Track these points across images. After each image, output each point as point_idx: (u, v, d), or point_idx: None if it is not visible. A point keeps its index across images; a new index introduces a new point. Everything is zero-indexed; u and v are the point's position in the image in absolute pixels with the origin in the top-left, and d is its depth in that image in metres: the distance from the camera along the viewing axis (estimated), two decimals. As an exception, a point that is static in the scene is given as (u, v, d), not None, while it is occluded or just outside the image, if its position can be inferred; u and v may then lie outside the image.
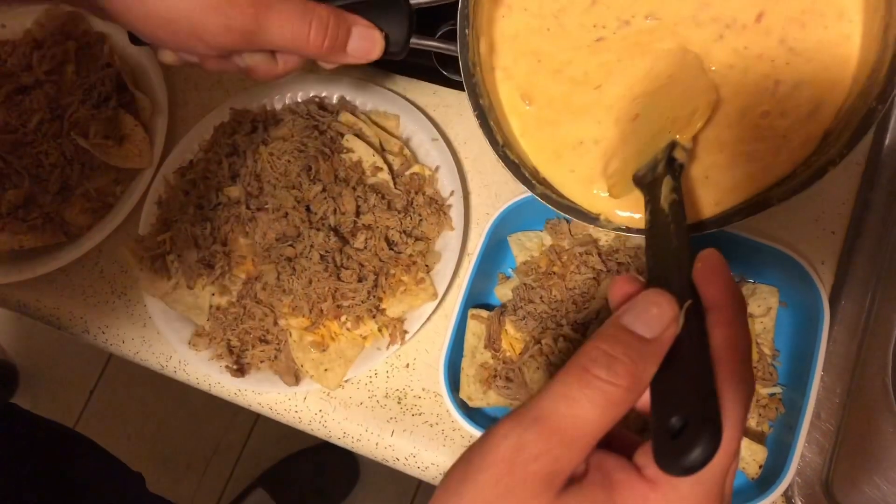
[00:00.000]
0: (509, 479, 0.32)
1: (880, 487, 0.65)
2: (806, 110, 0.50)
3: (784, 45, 0.50)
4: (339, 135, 0.76)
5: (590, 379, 0.33)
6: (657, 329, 0.34)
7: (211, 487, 1.77)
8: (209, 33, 0.50)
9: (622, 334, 0.34)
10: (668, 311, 0.35)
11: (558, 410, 0.33)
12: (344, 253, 0.71)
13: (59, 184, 0.81)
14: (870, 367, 0.67)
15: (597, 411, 0.32)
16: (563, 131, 0.55)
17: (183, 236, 0.75)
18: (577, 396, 0.33)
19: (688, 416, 0.31)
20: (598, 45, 0.55)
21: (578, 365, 0.33)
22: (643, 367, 0.33)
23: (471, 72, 0.56)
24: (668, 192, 0.44)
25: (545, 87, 0.56)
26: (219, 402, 0.84)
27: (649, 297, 0.35)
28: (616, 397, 0.33)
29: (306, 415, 0.74)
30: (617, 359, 0.33)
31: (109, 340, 0.80)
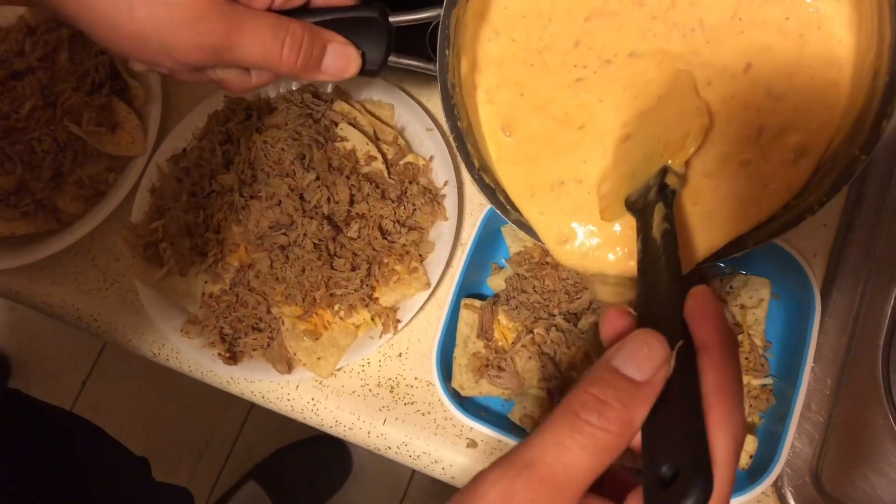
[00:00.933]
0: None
1: (869, 478, 0.65)
2: (790, 156, 0.49)
3: (770, 95, 0.49)
4: (333, 123, 0.76)
5: (580, 425, 0.32)
6: (648, 371, 0.33)
7: (203, 480, 1.77)
8: (178, 51, 0.49)
9: (612, 377, 0.34)
10: (659, 352, 0.34)
11: (548, 457, 0.32)
12: (337, 241, 0.71)
13: (52, 171, 0.80)
14: (860, 358, 0.68)
15: (587, 458, 0.32)
16: (541, 170, 0.54)
17: (176, 224, 0.74)
18: (568, 443, 0.32)
19: (679, 464, 0.31)
20: (578, 86, 0.53)
21: (569, 409, 0.33)
22: (634, 412, 0.33)
23: (449, 93, 0.54)
24: (659, 220, 0.43)
25: (527, 121, 0.55)
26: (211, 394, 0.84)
27: (640, 338, 0.35)
28: (607, 443, 0.32)
29: (298, 403, 0.74)
30: (607, 404, 0.33)
31: (101, 328, 0.80)
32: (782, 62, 0.50)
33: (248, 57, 0.52)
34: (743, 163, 0.49)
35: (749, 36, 0.50)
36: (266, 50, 0.52)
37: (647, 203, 0.45)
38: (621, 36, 0.53)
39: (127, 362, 1.84)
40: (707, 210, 0.49)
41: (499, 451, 0.69)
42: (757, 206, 0.49)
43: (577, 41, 0.54)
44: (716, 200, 0.49)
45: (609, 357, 0.35)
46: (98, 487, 0.86)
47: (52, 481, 0.80)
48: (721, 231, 0.49)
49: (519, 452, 0.33)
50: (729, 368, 0.34)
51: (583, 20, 0.53)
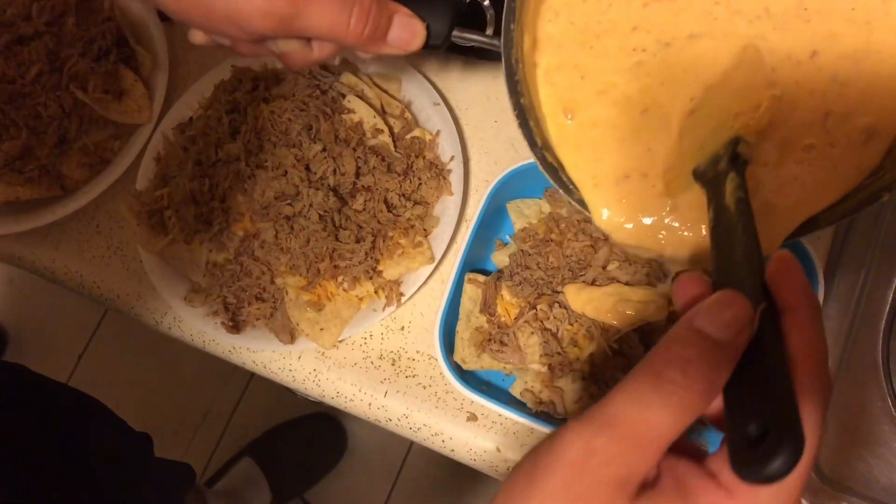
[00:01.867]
0: (579, 483, 0.31)
1: (868, 462, 0.65)
2: (859, 139, 0.48)
3: (836, 81, 0.49)
4: (340, 95, 0.75)
5: (663, 383, 0.32)
6: (731, 332, 0.33)
7: (198, 455, 1.77)
8: (245, 18, 0.48)
9: (695, 337, 0.33)
10: (742, 313, 0.33)
11: (630, 414, 0.32)
12: (343, 213, 0.71)
13: (57, 137, 0.80)
14: (861, 343, 0.68)
15: (670, 416, 0.31)
16: (606, 160, 0.53)
17: (181, 192, 0.74)
18: (650, 400, 0.32)
19: (768, 423, 0.30)
20: (638, 69, 0.53)
21: (651, 368, 0.33)
22: (717, 372, 0.32)
23: (513, 69, 0.54)
24: (733, 188, 0.42)
25: (588, 105, 0.54)
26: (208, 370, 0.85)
27: (723, 299, 0.34)
28: (690, 401, 0.32)
29: (300, 374, 0.74)
30: (692, 362, 0.32)
31: (104, 295, 0.80)
32: (849, 49, 0.49)
33: (315, 26, 0.50)
34: (807, 147, 0.49)
35: (815, 24, 0.50)
36: (333, 19, 0.50)
37: (717, 173, 0.45)
38: (679, 21, 0.52)
39: (123, 337, 1.84)
40: (770, 197, 0.49)
41: (499, 425, 0.69)
42: (825, 188, 0.48)
43: (636, 26, 0.53)
44: (779, 186, 0.49)
45: (690, 317, 0.34)
46: (102, 465, 0.86)
47: (56, 459, 0.80)
48: (788, 215, 0.49)
49: (600, 409, 0.33)
50: (814, 330, 0.34)
51: (641, 6, 0.53)
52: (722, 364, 0.33)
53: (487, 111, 0.78)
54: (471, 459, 0.70)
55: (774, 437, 0.30)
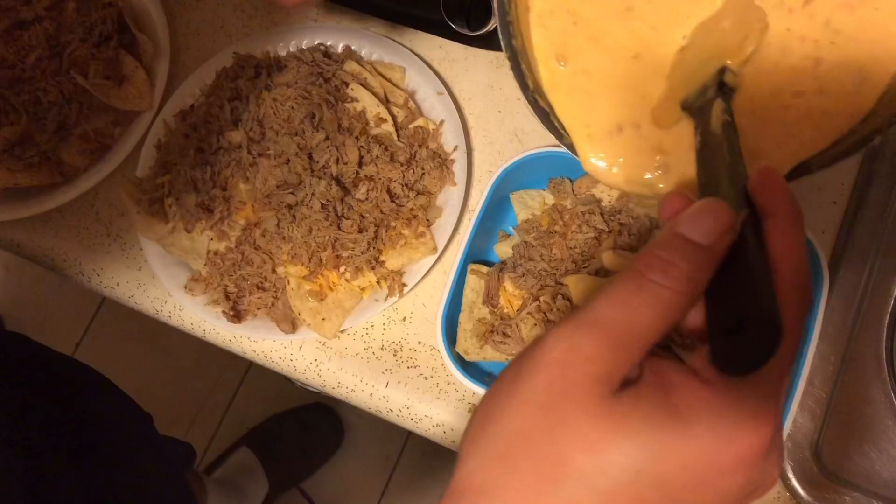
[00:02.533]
0: (563, 381, 0.32)
1: (869, 455, 0.65)
2: (850, 86, 0.49)
3: (829, 27, 0.49)
4: (343, 84, 0.75)
5: (645, 283, 0.33)
6: (713, 236, 0.34)
7: (195, 444, 1.74)
8: None
9: (678, 241, 0.34)
10: (724, 218, 0.34)
11: (612, 314, 0.32)
12: (345, 203, 0.71)
13: (57, 123, 0.79)
14: (864, 336, 0.68)
15: (652, 315, 0.32)
16: (598, 110, 0.53)
17: (182, 179, 0.74)
18: (632, 301, 0.32)
19: (746, 315, 0.31)
20: (629, 15, 0.53)
21: (634, 270, 0.33)
22: (699, 273, 0.33)
23: (506, 10, 0.53)
24: (719, 113, 0.43)
25: (581, 52, 0.54)
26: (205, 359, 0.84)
27: (705, 206, 0.35)
28: (671, 302, 0.32)
29: (301, 363, 0.73)
30: (673, 264, 0.33)
31: (104, 283, 0.80)
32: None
33: None
34: (796, 94, 0.49)
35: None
36: None
37: (704, 102, 0.45)
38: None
39: (121, 325, 1.83)
40: (760, 142, 0.49)
41: (501, 417, 0.69)
42: (815, 134, 0.49)
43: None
44: (769, 132, 0.49)
45: (674, 224, 0.35)
46: (104, 436, 0.86)
47: (67, 430, 0.80)
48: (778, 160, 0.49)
49: (583, 311, 0.33)
50: (796, 236, 0.34)
51: None
52: (703, 266, 0.33)
53: (491, 101, 0.78)
54: (472, 451, 0.70)
55: (752, 327, 0.30)
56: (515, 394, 0.33)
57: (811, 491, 0.65)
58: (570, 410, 0.31)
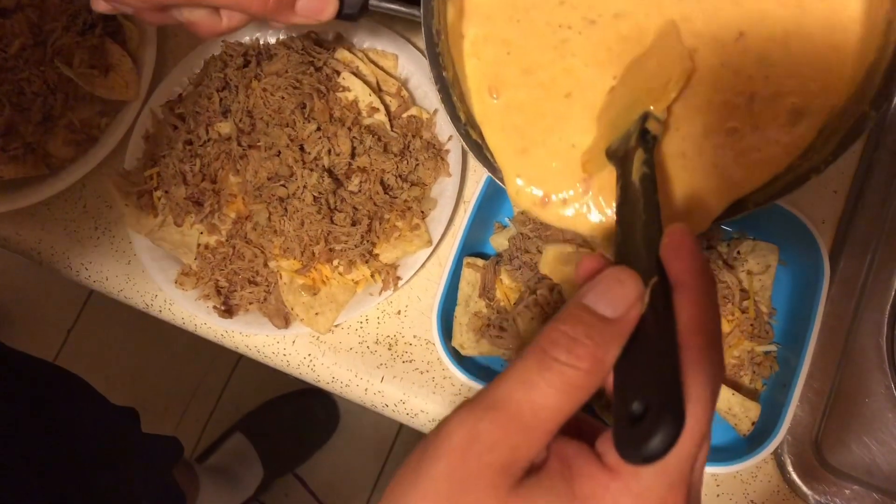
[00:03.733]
0: (463, 470, 0.30)
1: (869, 447, 0.65)
2: (785, 121, 0.47)
3: (763, 63, 0.48)
4: (334, 72, 0.73)
5: (549, 362, 0.31)
6: (620, 308, 0.32)
7: (189, 431, 1.76)
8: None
9: (584, 314, 0.32)
10: (631, 289, 0.32)
11: (515, 396, 0.31)
12: (338, 195, 0.69)
13: (42, 113, 0.77)
14: (865, 327, 0.67)
15: (557, 396, 0.31)
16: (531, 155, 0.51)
17: (171, 172, 0.72)
18: (536, 381, 0.31)
19: (649, 400, 0.29)
20: (563, 48, 0.51)
21: (537, 348, 0.31)
22: (605, 349, 0.31)
23: (434, 41, 0.52)
24: (639, 164, 0.41)
25: (514, 85, 0.52)
26: (199, 345, 0.83)
27: (612, 275, 0.33)
28: (577, 381, 0.31)
29: (295, 358, 0.72)
30: (578, 340, 0.31)
31: (92, 277, 0.78)
32: (778, 30, 0.48)
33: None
34: (730, 131, 0.47)
35: (746, 5, 0.48)
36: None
37: (627, 151, 0.44)
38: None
39: (114, 311, 1.82)
40: (694, 179, 0.48)
41: (498, 412, 0.68)
42: (750, 172, 0.47)
43: (563, 0, 0.52)
44: (703, 170, 0.48)
45: (580, 295, 0.33)
46: (82, 441, 0.85)
47: (34, 437, 0.79)
48: (713, 198, 0.48)
49: (485, 393, 0.32)
50: (705, 306, 0.33)
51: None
52: (610, 341, 0.32)
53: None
54: (469, 445, 0.69)
55: (653, 414, 0.29)
56: (417, 483, 0.31)
57: (810, 484, 0.64)
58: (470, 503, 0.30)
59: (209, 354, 1.78)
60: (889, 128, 0.70)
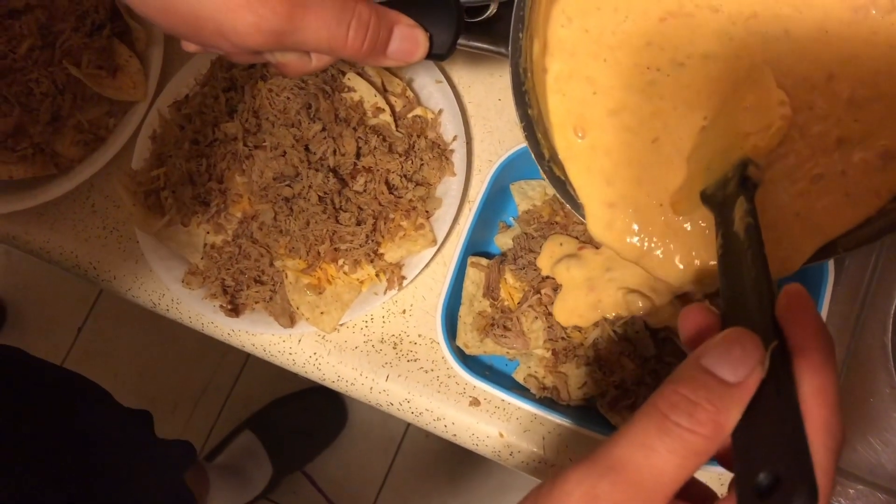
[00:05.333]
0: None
1: (875, 447, 0.65)
2: (876, 164, 0.46)
3: (853, 104, 0.47)
4: (340, 73, 0.73)
5: (669, 426, 0.31)
6: (742, 373, 0.31)
7: (198, 428, 1.77)
8: (237, 34, 0.45)
9: (703, 377, 0.32)
10: (752, 353, 0.32)
11: (635, 459, 0.31)
12: (343, 195, 0.70)
13: (50, 114, 0.78)
14: (869, 327, 0.67)
15: (676, 461, 0.30)
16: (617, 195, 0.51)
17: (178, 172, 0.73)
18: (656, 445, 0.31)
19: (779, 472, 0.29)
20: (651, 90, 0.50)
21: (657, 410, 0.31)
22: (726, 415, 0.31)
23: (521, 79, 0.52)
24: (742, 214, 0.40)
25: (600, 126, 0.51)
26: (208, 343, 0.84)
27: (732, 337, 0.32)
28: (697, 446, 0.31)
29: (300, 357, 0.73)
30: (699, 405, 0.31)
31: (101, 276, 0.79)
32: (869, 71, 0.47)
33: (311, 41, 0.48)
34: (815, 178, 0.47)
35: (835, 47, 0.47)
36: (330, 34, 0.47)
37: (726, 196, 0.43)
38: (695, 38, 0.50)
39: (124, 309, 1.83)
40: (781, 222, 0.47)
41: (502, 410, 0.69)
42: (837, 217, 0.47)
43: (650, 41, 0.51)
44: (787, 216, 0.47)
45: (698, 356, 0.33)
46: (99, 452, 0.85)
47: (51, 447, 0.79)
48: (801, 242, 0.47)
49: (604, 452, 0.32)
50: (827, 372, 0.32)
51: (657, 20, 0.51)
52: (731, 407, 0.31)
53: (491, 89, 0.77)
54: (473, 444, 0.69)
55: (787, 486, 0.29)
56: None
57: (815, 483, 0.64)
58: None
59: (218, 353, 1.78)
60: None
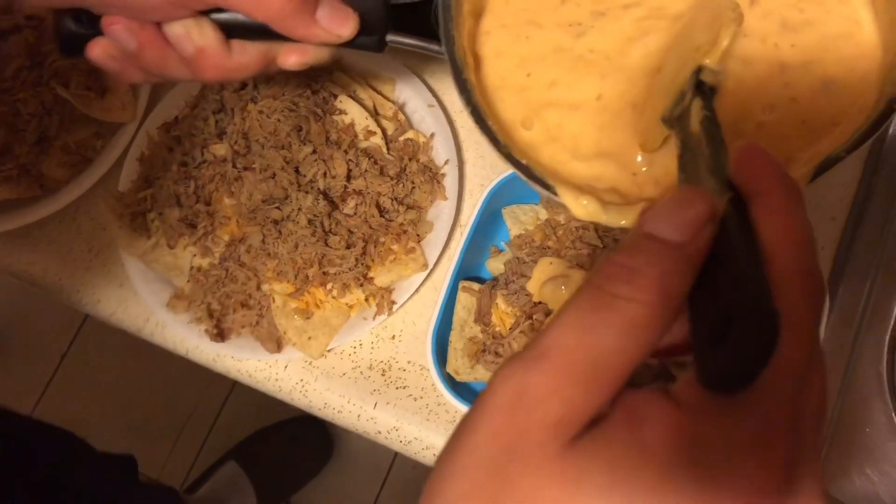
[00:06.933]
0: (509, 432, 0.25)
1: (871, 478, 0.64)
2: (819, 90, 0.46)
3: (786, 28, 0.47)
4: (331, 95, 0.73)
5: (606, 300, 0.26)
6: (689, 231, 0.27)
7: (181, 458, 1.74)
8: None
9: (645, 242, 0.27)
10: (698, 207, 0.28)
11: (567, 343, 0.26)
12: (333, 218, 0.69)
13: (37, 134, 0.77)
14: (865, 356, 0.67)
15: (618, 338, 0.25)
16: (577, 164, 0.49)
17: (165, 194, 0.72)
18: (591, 323, 0.26)
19: (732, 313, 0.24)
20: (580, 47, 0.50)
21: (592, 286, 0.27)
22: (674, 279, 0.26)
23: (460, 68, 0.50)
24: (697, 111, 0.38)
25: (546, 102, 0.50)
26: (193, 372, 0.82)
27: (677, 195, 0.28)
28: (641, 318, 0.26)
29: (287, 384, 0.71)
30: (639, 271, 0.26)
31: (84, 300, 0.77)
32: None
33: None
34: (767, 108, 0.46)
35: None
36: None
37: (684, 109, 0.41)
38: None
39: (108, 336, 1.80)
40: None
41: (492, 439, 0.67)
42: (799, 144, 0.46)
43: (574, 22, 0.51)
44: None
45: (641, 223, 0.28)
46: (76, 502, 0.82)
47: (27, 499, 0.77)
48: None
49: (534, 343, 0.27)
50: (792, 213, 0.28)
51: None
52: (679, 270, 0.27)
53: (483, 113, 0.76)
54: (463, 474, 0.68)
55: (738, 324, 0.24)
56: (459, 455, 0.26)
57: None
58: (519, 469, 0.25)
59: (204, 382, 1.76)
60: (886, 155, 0.70)
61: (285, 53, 0.50)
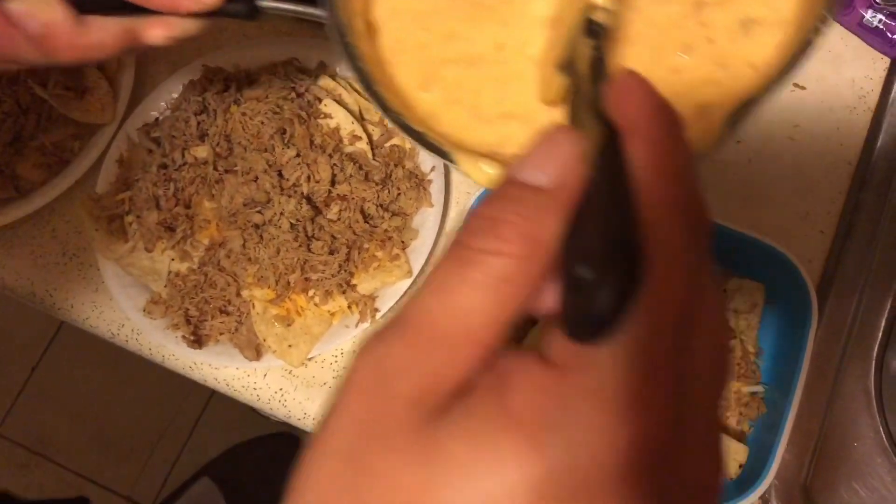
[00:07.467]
0: (367, 413, 0.23)
1: (859, 493, 0.63)
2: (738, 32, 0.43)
3: None
4: (316, 99, 0.72)
5: (471, 256, 0.23)
6: (555, 173, 0.24)
7: (154, 474, 1.71)
8: None
9: (510, 189, 0.24)
10: (568, 146, 0.25)
11: (431, 308, 0.23)
12: (316, 223, 0.67)
13: (12, 134, 0.75)
14: (852, 370, 0.66)
15: (483, 296, 0.23)
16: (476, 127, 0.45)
17: (143, 196, 0.70)
18: (453, 283, 0.23)
19: (595, 259, 0.22)
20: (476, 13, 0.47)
21: (456, 244, 0.24)
22: (540, 224, 0.23)
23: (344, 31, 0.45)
24: (587, 51, 0.35)
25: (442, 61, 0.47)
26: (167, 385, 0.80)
27: (542, 137, 0.25)
28: (507, 271, 0.23)
29: (265, 393, 0.69)
30: (503, 220, 0.23)
31: (57, 304, 0.75)
32: None
33: None
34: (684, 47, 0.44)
35: None
36: None
37: (576, 55, 0.37)
38: None
39: (80, 349, 1.77)
40: None
41: (476, 451, 0.66)
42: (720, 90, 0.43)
43: None
44: None
45: (507, 173, 0.26)
46: None
47: None
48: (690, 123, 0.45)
49: (398, 313, 0.24)
50: (664, 142, 0.25)
51: None
52: (545, 215, 0.24)
53: (470, 121, 0.75)
54: (445, 487, 0.66)
55: (596, 271, 0.22)
56: (319, 446, 0.24)
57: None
58: (378, 453, 0.22)
59: (178, 396, 1.73)
60: (874, 168, 0.70)
61: (150, 27, 0.46)
